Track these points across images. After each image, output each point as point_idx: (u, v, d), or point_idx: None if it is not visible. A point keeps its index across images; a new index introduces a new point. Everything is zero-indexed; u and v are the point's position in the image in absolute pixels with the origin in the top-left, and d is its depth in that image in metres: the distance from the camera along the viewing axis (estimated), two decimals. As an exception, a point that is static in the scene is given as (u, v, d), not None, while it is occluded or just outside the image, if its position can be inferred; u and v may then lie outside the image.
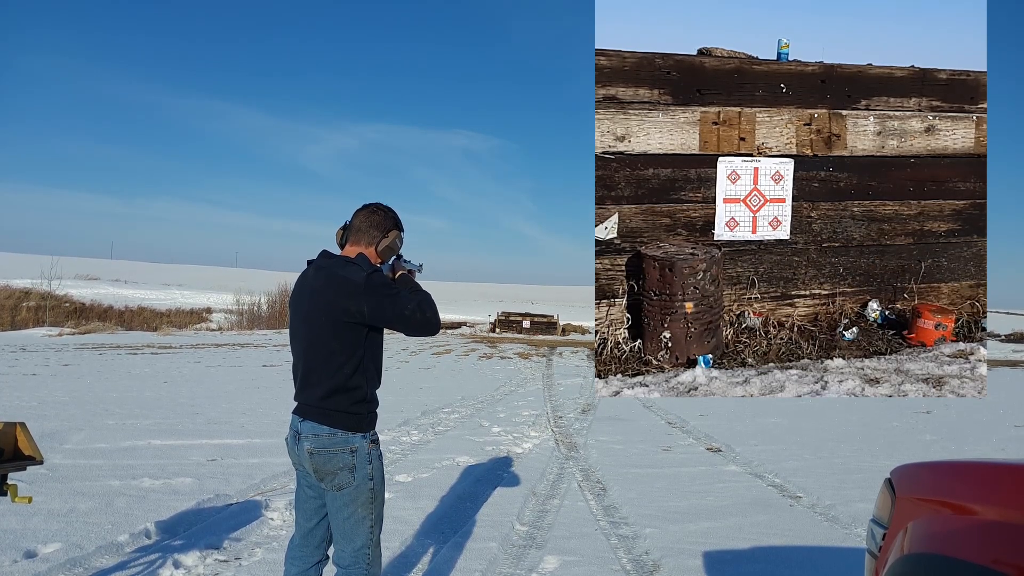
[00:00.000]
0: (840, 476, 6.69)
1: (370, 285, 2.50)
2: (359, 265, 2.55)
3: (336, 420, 2.51)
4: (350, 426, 2.52)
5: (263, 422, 8.45)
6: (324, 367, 2.51)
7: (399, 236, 2.70)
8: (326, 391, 2.51)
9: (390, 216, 2.69)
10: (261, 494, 5.26)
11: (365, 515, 2.53)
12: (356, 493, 2.52)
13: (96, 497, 4.87)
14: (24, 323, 30.21)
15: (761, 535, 4.73)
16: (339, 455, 2.50)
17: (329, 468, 2.50)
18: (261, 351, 21.05)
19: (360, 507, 2.52)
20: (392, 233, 2.67)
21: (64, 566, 3.64)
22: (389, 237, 2.66)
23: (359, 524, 2.53)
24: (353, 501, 2.52)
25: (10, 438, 2.57)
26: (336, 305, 2.48)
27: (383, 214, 2.68)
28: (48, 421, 7.71)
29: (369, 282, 2.50)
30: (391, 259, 2.73)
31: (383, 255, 2.66)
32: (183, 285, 59.52)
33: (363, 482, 2.52)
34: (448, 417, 9.70)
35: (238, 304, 36.38)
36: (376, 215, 2.67)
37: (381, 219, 2.66)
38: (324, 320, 2.50)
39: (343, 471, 2.49)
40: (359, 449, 2.51)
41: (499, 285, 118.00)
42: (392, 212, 2.72)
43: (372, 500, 2.54)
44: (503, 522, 4.78)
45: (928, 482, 1.95)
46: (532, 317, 40.10)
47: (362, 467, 2.52)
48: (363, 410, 2.55)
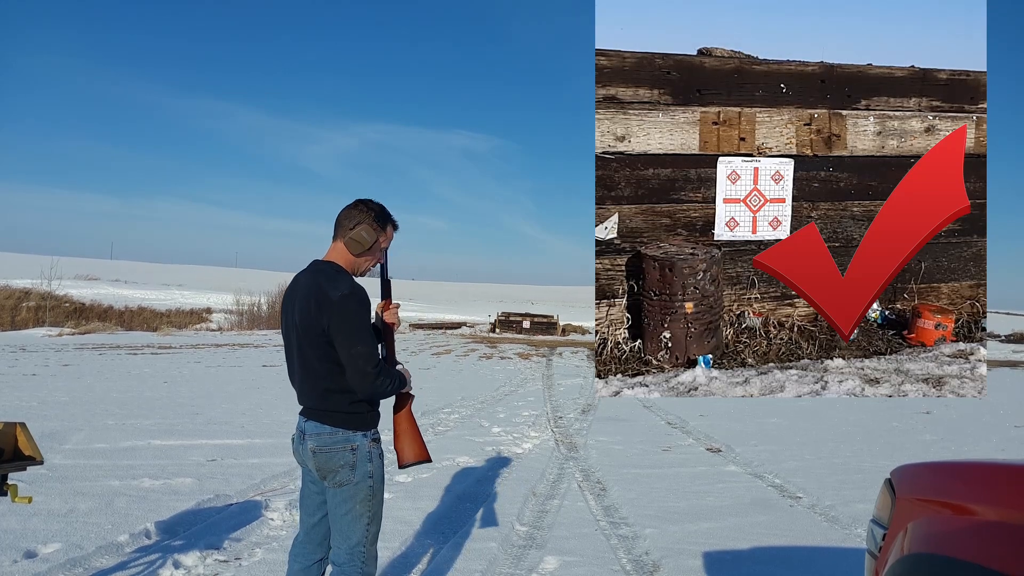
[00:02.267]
0: (840, 476, 6.69)
1: (341, 306, 2.48)
2: (344, 280, 2.54)
3: (337, 420, 2.55)
4: (351, 425, 2.56)
5: (263, 422, 8.45)
6: (318, 371, 2.53)
7: (367, 229, 2.60)
8: (323, 392, 2.55)
9: (364, 210, 2.63)
10: (261, 494, 5.26)
11: (363, 512, 2.56)
12: (355, 490, 2.55)
13: (96, 497, 4.87)
14: (24, 323, 30.19)
15: (761, 535, 4.73)
16: (340, 453, 2.54)
17: (331, 466, 2.54)
18: (261, 351, 21.05)
19: (359, 504, 2.56)
20: (360, 227, 2.60)
21: (64, 566, 3.64)
22: (355, 230, 2.60)
23: (356, 521, 2.56)
24: (352, 498, 2.56)
25: (10, 438, 2.57)
26: (318, 317, 2.49)
27: (359, 208, 2.63)
28: (48, 421, 7.71)
29: (341, 303, 2.48)
30: (364, 252, 2.64)
31: (349, 248, 2.61)
32: (183, 285, 59.53)
33: (363, 479, 2.56)
34: (448, 417, 9.70)
35: (238, 304, 36.37)
36: (353, 209, 2.64)
37: (355, 213, 2.62)
38: (313, 326, 2.50)
39: (344, 468, 2.54)
40: (360, 447, 2.55)
41: (499, 285, 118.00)
42: (372, 206, 2.64)
43: (371, 497, 2.58)
44: (503, 522, 4.79)
45: (928, 482, 1.95)
46: (532, 317, 40.10)
47: (362, 464, 2.55)
48: (362, 409, 2.58)
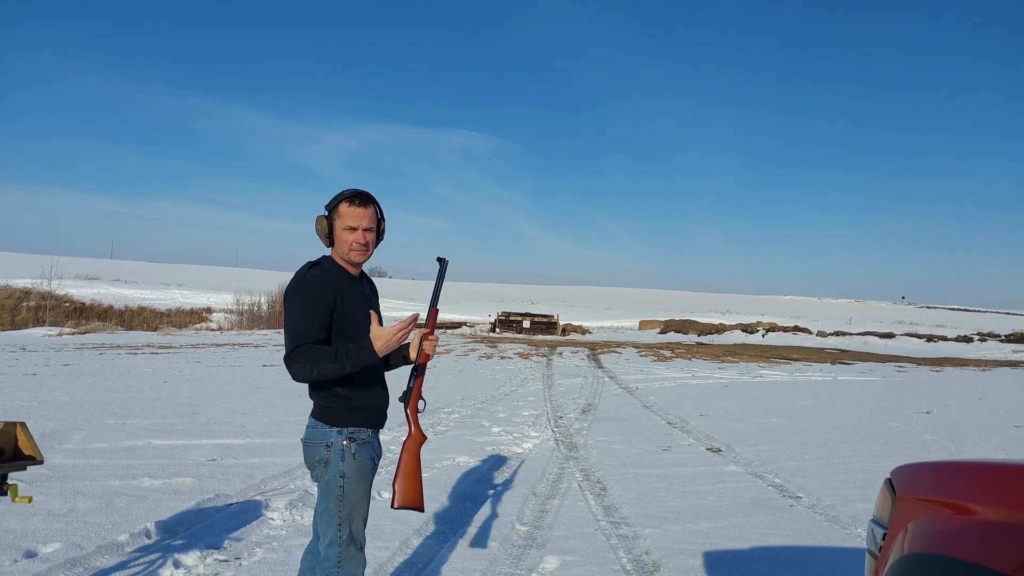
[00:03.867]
0: (840, 476, 6.69)
1: (287, 291, 2.53)
2: (301, 269, 2.57)
3: (319, 413, 2.58)
4: (326, 418, 2.56)
5: (263, 422, 8.45)
6: None
7: (317, 220, 2.61)
8: (309, 385, 2.58)
9: (330, 202, 2.62)
10: (261, 494, 5.25)
11: (335, 511, 2.53)
12: (327, 488, 2.54)
13: (96, 497, 4.87)
14: (24, 323, 30.17)
15: (761, 535, 4.73)
16: (317, 448, 2.55)
17: (309, 460, 2.58)
18: (261, 351, 21.04)
19: (331, 503, 2.54)
20: (317, 219, 2.62)
21: (64, 566, 3.64)
22: (317, 222, 2.63)
23: (330, 520, 2.54)
24: (325, 496, 2.55)
25: (10, 438, 2.57)
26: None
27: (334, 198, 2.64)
28: (48, 421, 7.71)
29: (289, 288, 2.53)
30: (328, 238, 2.63)
31: (320, 238, 2.65)
32: (183, 285, 59.49)
33: (334, 478, 2.53)
34: (448, 417, 9.69)
35: (238, 304, 36.34)
36: None
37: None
38: None
39: (319, 464, 2.55)
40: (334, 444, 2.53)
41: (499, 285, 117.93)
42: (336, 197, 2.61)
43: (341, 498, 2.53)
44: (503, 522, 4.79)
45: (928, 482, 1.95)
46: (532, 317, 40.13)
47: (335, 463, 2.52)
48: (336, 404, 2.56)
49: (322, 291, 2.49)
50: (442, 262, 2.77)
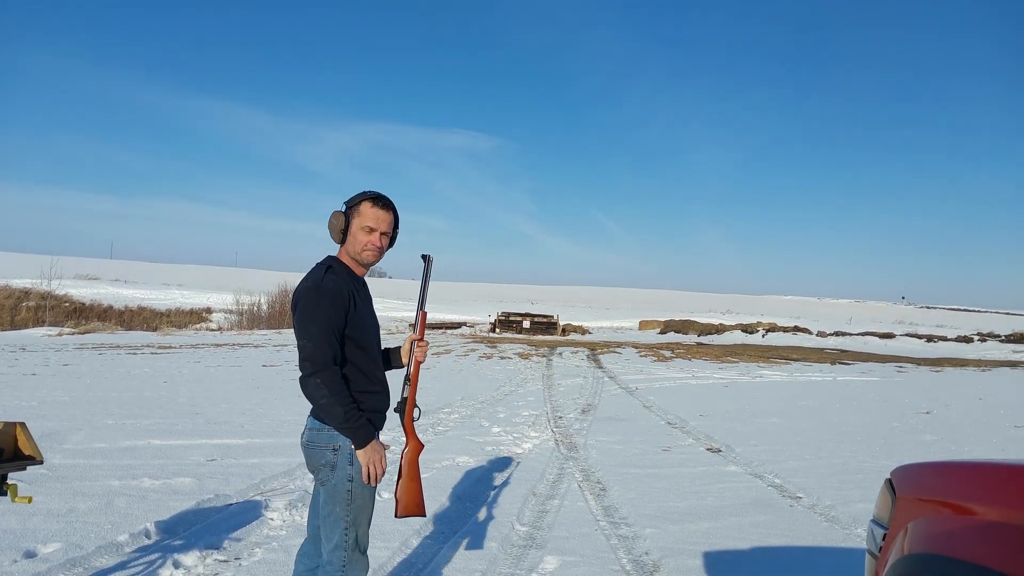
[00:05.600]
0: (840, 476, 6.69)
1: (299, 297, 2.51)
2: (314, 272, 2.56)
3: None
4: None
5: (263, 422, 8.44)
6: None
7: (334, 215, 2.61)
8: None
9: (351, 200, 2.64)
10: (261, 494, 5.25)
11: (342, 515, 2.53)
12: (334, 492, 2.53)
13: (96, 497, 4.87)
14: (24, 323, 30.18)
15: (761, 535, 4.73)
16: (323, 451, 2.52)
17: (314, 463, 2.55)
18: (261, 351, 21.03)
19: (337, 507, 2.53)
20: (331, 215, 2.63)
21: (64, 566, 3.64)
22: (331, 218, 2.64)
23: (335, 524, 2.53)
24: (331, 500, 2.54)
25: (10, 438, 2.57)
26: (293, 309, 2.55)
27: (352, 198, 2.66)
28: (48, 421, 7.70)
29: (301, 295, 2.51)
30: (342, 237, 2.64)
31: (333, 237, 2.65)
32: (183, 285, 59.50)
33: (341, 482, 2.52)
34: (448, 417, 9.69)
35: (238, 304, 36.35)
36: None
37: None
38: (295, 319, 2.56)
39: (325, 468, 2.53)
40: (342, 448, 2.52)
41: (499, 285, 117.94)
42: (358, 196, 2.63)
43: (349, 502, 2.53)
44: (503, 522, 4.79)
45: (928, 482, 1.95)
46: (532, 317, 40.12)
47: (343, 467, 2.52)
48: None
49: (340, 298, 2.52)
50: (426, 259, 2.77)
